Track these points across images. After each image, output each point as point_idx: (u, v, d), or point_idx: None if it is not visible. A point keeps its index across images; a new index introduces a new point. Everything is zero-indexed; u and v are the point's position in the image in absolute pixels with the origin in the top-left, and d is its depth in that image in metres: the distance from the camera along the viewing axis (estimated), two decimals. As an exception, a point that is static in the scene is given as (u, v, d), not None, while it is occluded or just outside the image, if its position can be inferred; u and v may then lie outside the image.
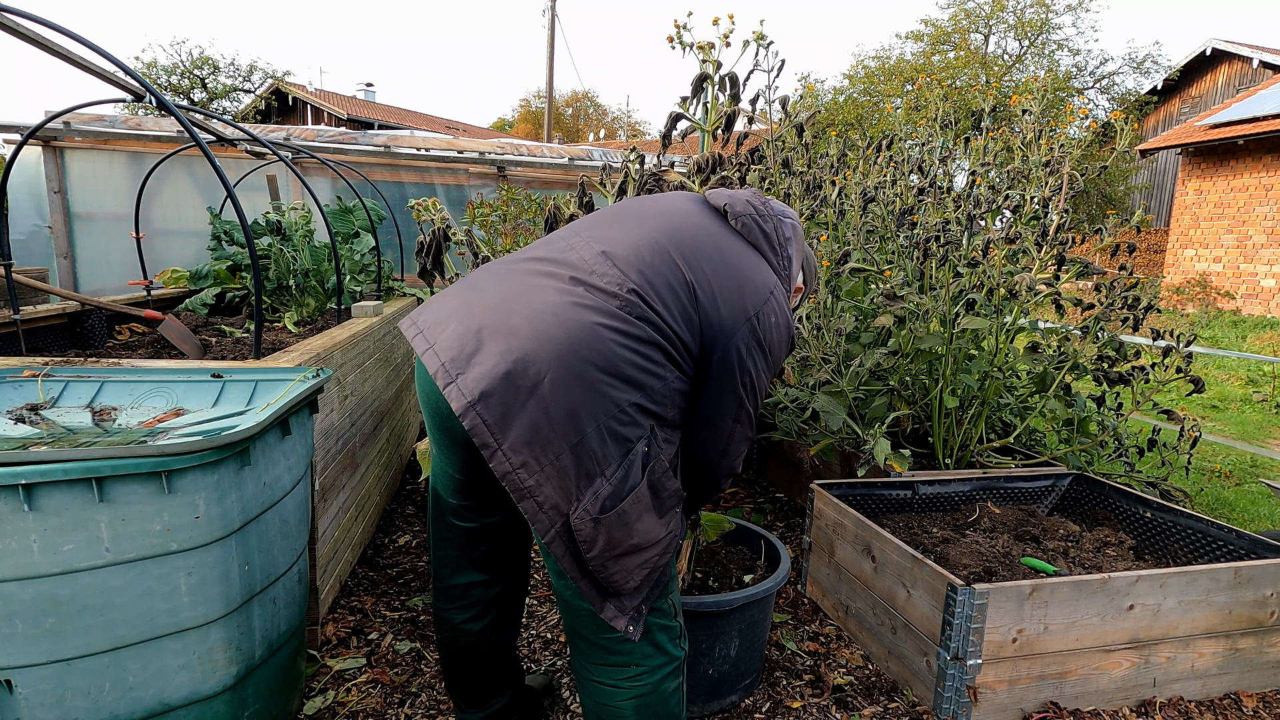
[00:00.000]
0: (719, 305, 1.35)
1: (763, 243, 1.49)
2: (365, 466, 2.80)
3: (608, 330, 1.25)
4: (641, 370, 1.27)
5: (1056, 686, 1.96)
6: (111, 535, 1.27)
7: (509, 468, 1.20)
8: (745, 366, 1.37)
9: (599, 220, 1.47)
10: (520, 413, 1.19)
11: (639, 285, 1.30)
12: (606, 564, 1.27)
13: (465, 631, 1.63)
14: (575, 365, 1.21)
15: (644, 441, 1.28)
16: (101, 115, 5.15)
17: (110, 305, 2.81)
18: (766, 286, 1.42)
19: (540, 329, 1.23)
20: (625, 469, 1.25)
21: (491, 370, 1.21)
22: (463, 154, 5.78)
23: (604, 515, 1.23)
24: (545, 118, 22.98)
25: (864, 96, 20.22)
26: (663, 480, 1.31)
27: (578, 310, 1.26)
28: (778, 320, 1.42)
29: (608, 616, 1.32)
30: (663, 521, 1.32)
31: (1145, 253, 15.17)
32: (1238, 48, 16.33)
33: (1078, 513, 2.81)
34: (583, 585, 1.30)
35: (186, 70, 23.90)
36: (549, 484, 1.21)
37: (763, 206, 1.53)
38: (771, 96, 2.71)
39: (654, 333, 1.29)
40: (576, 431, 1.21)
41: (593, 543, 1.24)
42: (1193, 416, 3.28)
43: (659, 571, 1.37)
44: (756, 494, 3.64)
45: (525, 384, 1.20)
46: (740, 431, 1.45)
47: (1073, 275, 2.73)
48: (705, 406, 1.40)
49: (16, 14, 1.83)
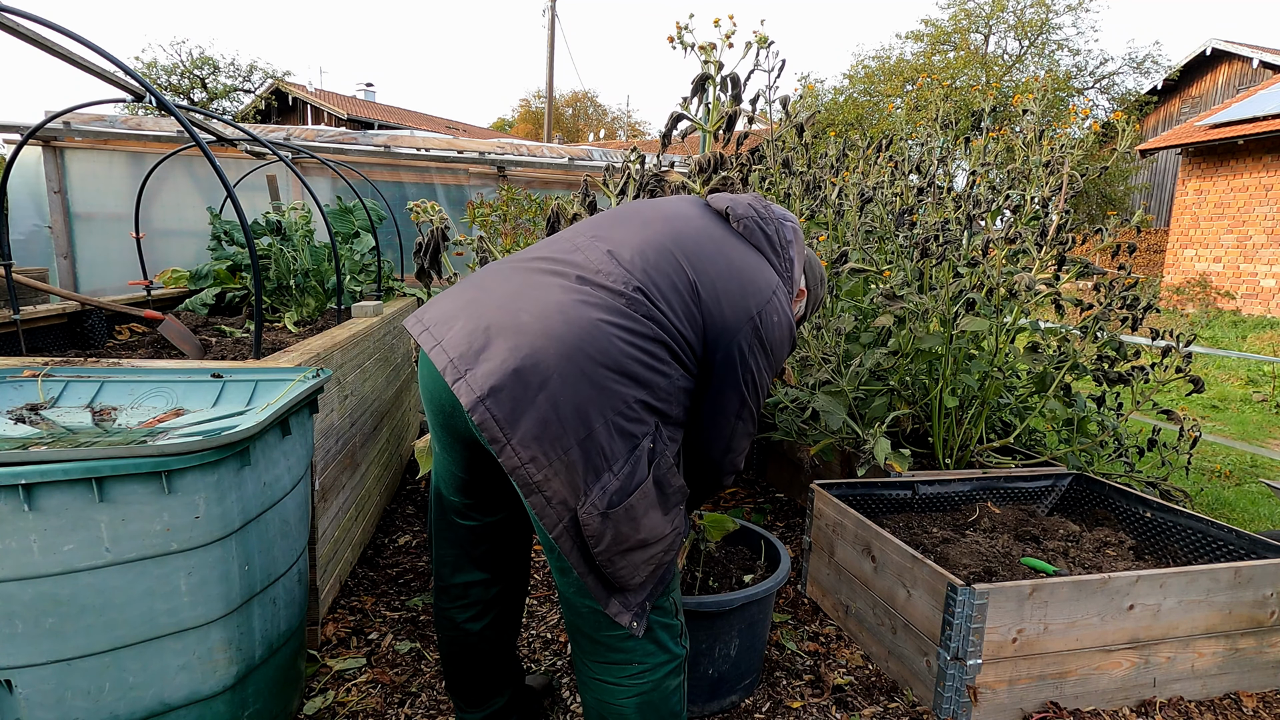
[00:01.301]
0: (722, 305, 1.37)
1: (765, 245, 1.51)
2: (365, 466, 2.80)
3: (614, 328, 1.26)
4: (647, 367, 1.28)
5: (1056, 686, 1.96)
6: (111, 535, 1.27)
7: (518, 462, 1.21)
8: (748, 365, 1.39)
9: (603, 221, 1.49)
10: (529, 408, 1.20)
11: (644, 284, 1.32)
12: (613, 559, 1.28)
13: (466, 630, 1.63)
14: (583, 362, 1.23)
15: (649, 438, 1.29)
16: (101, 115, 5.15)
17: (110, 305, 2.81)
18: (769, 286, 1.44)
19: (548, 326, 1.24)
20: (632, 465, 1.26)
21: (501, 366, 1.21)
22: (463, 154, 5.78)
23: (611, 510, 1.24)
24: (545, 118, 22.98)
25: (864, 96, 20.23)
26: (667, 476, 1.32)
27: (585, 308, 1.27)
28: (780, 319, 1.43)
29: (613, 612, 1.33)
30: (668, 518, 1.33)
31: (1145, 253, 15.18)
32: (1238, 48, 16.33)
33: (1078, 513, 2.81)
34: (589, 581, 1.31)
35: (186, 70, 23.91)
36: (557, 479, 1.22)
37: (764, 210, 1.55)
38: (771, 96, 2.71)
39: (659, 330, 1.31)
40: (585, 427, 1.22)
41: (600, 537, 1.25)
42: (1193, 416, 3.28)
43: (664, 568, 1.38)
44: (756, 494, 3.64)
45: (534, 380, 1.21)
46: (743, 428, 1.48)
47: (1073, 275, 2.73)
48: (709, 404, 1.42)
49: (16, 14, 1.83)
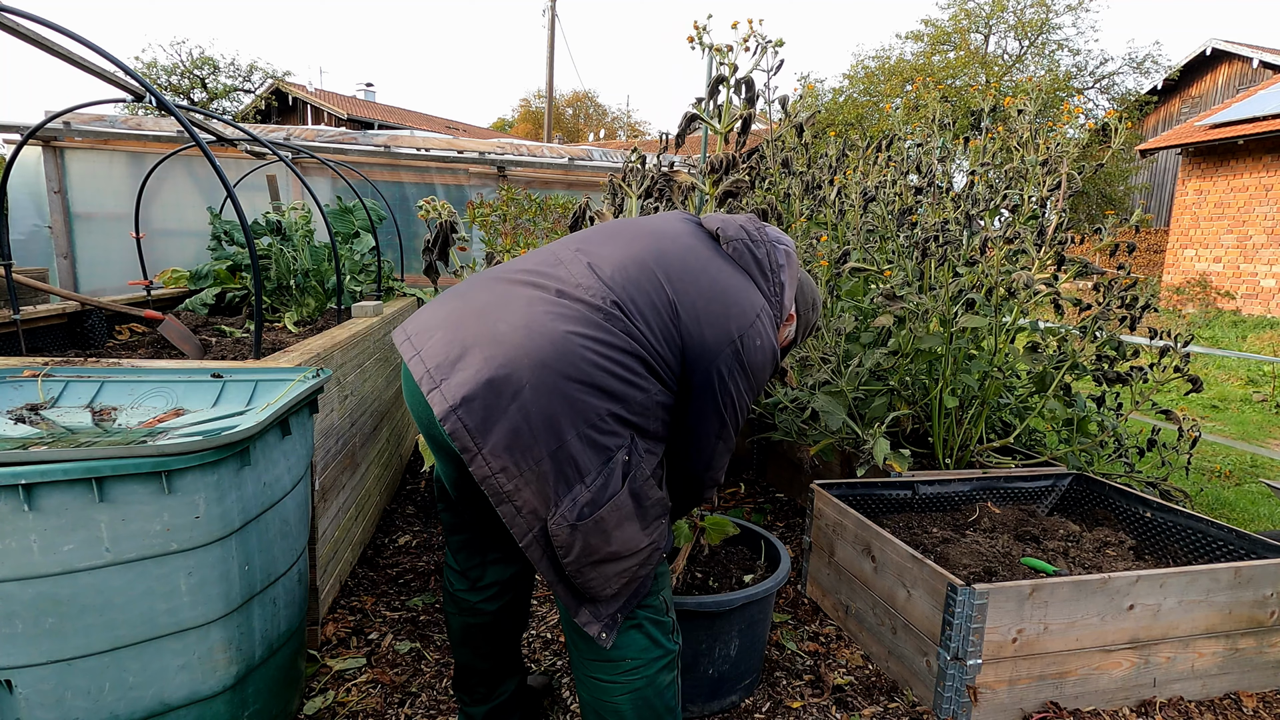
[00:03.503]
0: (702, 327, 1.36)
1: (753, 267, 1.50)
2: (365, 466, 2.80)
3: (587, 340, 1.27)
4: (621, 380, 1.28)
5: (1056, 686, 1.96)
6: (111, 535, 1.27)
7: (488, 472, 1.22)
8: (726, 388, 1.39)
9: (592, 236, 1.50)
10: (501, 418, 1.21)
11: (620, 300, 1.33)
12: (582, 570, 1.29)
13: (482, 611, 1.65)
14: (554, 374, 1.23)
15: (624, 450, 1.29)
16: (101, 115, 5.15)
17: (110, 305, 2.81)
18: (753, 309, 1.43)
19: (522, 338, 1.26)
20: (605, 477, 1.27)
21: (474, 376, 1.23)
22: (463, 154, 5.78)
23: (581, 522, 1.25)
24: (545, 118, 22.97)
25: (864, 96, 20.22)
26: (644, 489, 1.32)
27: (558, 321, 1.28)
28: (763, 344, 1.43)
29: (581, 621, 1.35)
30: (646, 531, 1.33)
31: (1145, 253, 15.17)
32: (1238, 48, 16.33)
33: (1078, 513, 2.81)
34: (558, 589, 1.33)
35: (186, 70, 23.90)
36: (528, 489, 1.23)
37: (756, 232, 1.54)
38: (771, 96, 2.71)
39: (635, 345, 1.31)
40: (556, 438, 1.23)
41: (569, 548, 1.26)
42: (1193, 416, 3.28)
43: (639, 582, 1.38)
44: (756, 494, 3.64)
45: (507, 390, 1.22)
46: (723, 446, 1.49)
47: (1072, 275, 2.73)
48: (689, 422, 1.42)
49: (16, 14, 1.83)
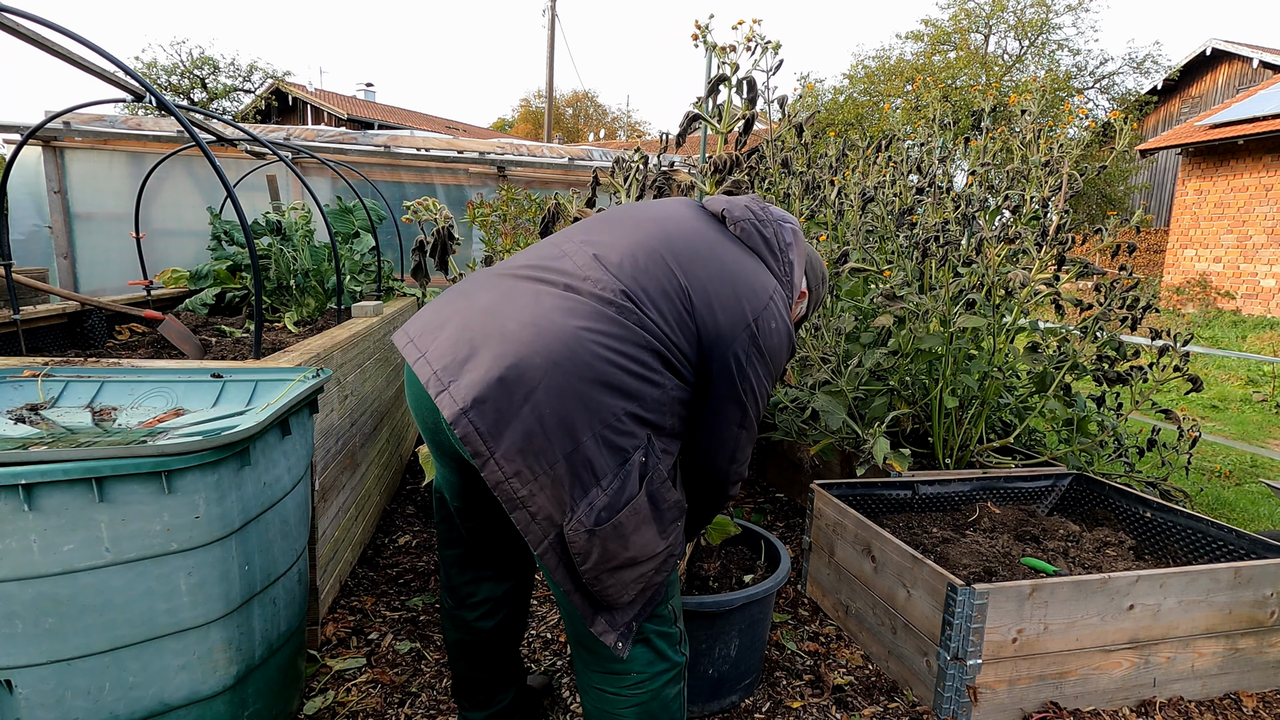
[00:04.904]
0: (716, 312, 1.31)
1: (762, 248, 1.46)
2: (365, 466, 2.80)
3: (599, 336, 1.22)
4: (636, 377, 1.23)
5: (1056, 686, 1.96)
6: (111, 535, 1.27)
7: (501, 477, 1.17)
8: (745, 374, 1.34)
9: (593, 225, 1.45)
10: (514, 420, 1.16)
11: (631, 290, 1.27)
12: (600, 577, 1.24)
13: (478, 629, 1.63)
14: (568, 373, 1.18)
15: (640, 451, 1.24)
16: (101, 115, 5.16)
17: (110, 305, 2.81)
18: (766, 292, 1.38)
19: (533, 336, 1.20)
20: (622, 480, 1.22)
21: (485, 376, 1.17)
22: (463, 154, 5.78)
23: (599, 527, 1.19)
24: (545, 118, 22.97)
25: (864, 96, 20.22)
26: (661, 491, 1.27)
27: (568, 316, 1.23)
28: (778, 326, 1.38)
29: (598, 631, 1.29)
30: (662, 535, 1.29)
31: (1145, 253, 15.17)
32: (1238, 48, 16.33)
33: (1078, 513, 2.81)
34: (575, 599, 1.27)
35: (186, 70, 23.90)
36: (542, 494, 1.18)
37: (762, 212, 1.50)
38: (770, 96, 2.71)
39: (650, 338, 1.26)
40: (571, 440, 1.18)
41: (586, 555, 1.21)
42: (1192, 416, 3.28)
43: (654, 588, 1.34)
44: (756, 494, 3.64)
45: (520, 390, 1.16)
46: (746, 436, 1.43)
47: (1073, 275, 2.73)
48: (709, 414, 1.37)
49: (16, 14, 1.83)
